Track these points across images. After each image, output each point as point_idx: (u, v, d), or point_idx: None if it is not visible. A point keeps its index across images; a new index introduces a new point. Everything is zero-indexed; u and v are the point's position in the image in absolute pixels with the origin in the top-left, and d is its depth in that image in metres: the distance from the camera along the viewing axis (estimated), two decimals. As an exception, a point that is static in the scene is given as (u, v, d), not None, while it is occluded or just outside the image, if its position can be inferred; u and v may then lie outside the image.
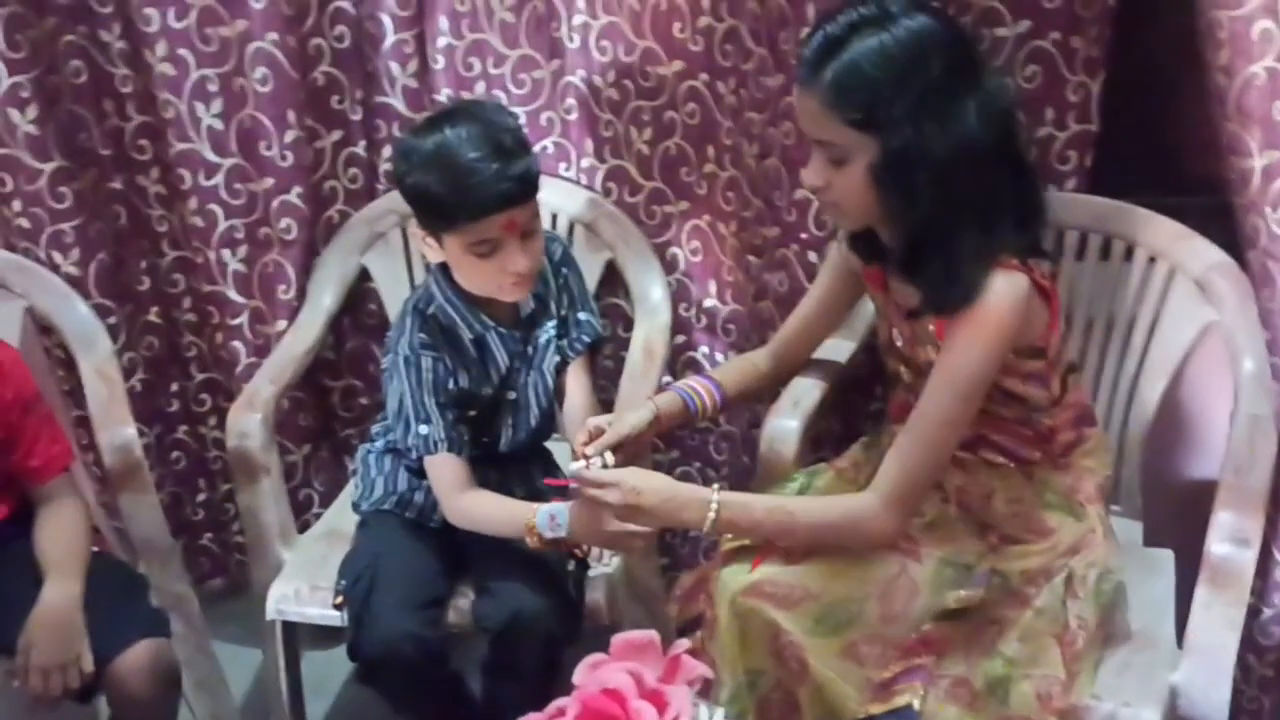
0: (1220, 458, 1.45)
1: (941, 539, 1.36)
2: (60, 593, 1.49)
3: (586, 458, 1.41)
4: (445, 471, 1.54)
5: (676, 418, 1.53)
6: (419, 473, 1.61)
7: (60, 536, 1.56)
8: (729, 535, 1.39)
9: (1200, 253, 1.54)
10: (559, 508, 1.43)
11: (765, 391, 1.64)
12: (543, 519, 1.44)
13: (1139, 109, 1.71)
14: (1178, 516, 1.61)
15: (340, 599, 1.57)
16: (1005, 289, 1.26)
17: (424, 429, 1.53)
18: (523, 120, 1.87)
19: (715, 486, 1.34)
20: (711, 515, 1.32)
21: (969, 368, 1.28)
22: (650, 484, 1.35)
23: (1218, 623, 1.34)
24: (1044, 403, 1.37)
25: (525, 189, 1.45)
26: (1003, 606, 1.33)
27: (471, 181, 1.41)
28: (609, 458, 1.40)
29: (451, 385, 1.55)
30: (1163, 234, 1.58)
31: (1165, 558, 1.57)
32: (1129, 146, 1.67)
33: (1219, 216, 1.48)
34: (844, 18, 1.25)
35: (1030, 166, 1.34)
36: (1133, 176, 1.68)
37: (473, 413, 1.60)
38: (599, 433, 1.45)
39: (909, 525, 1.34)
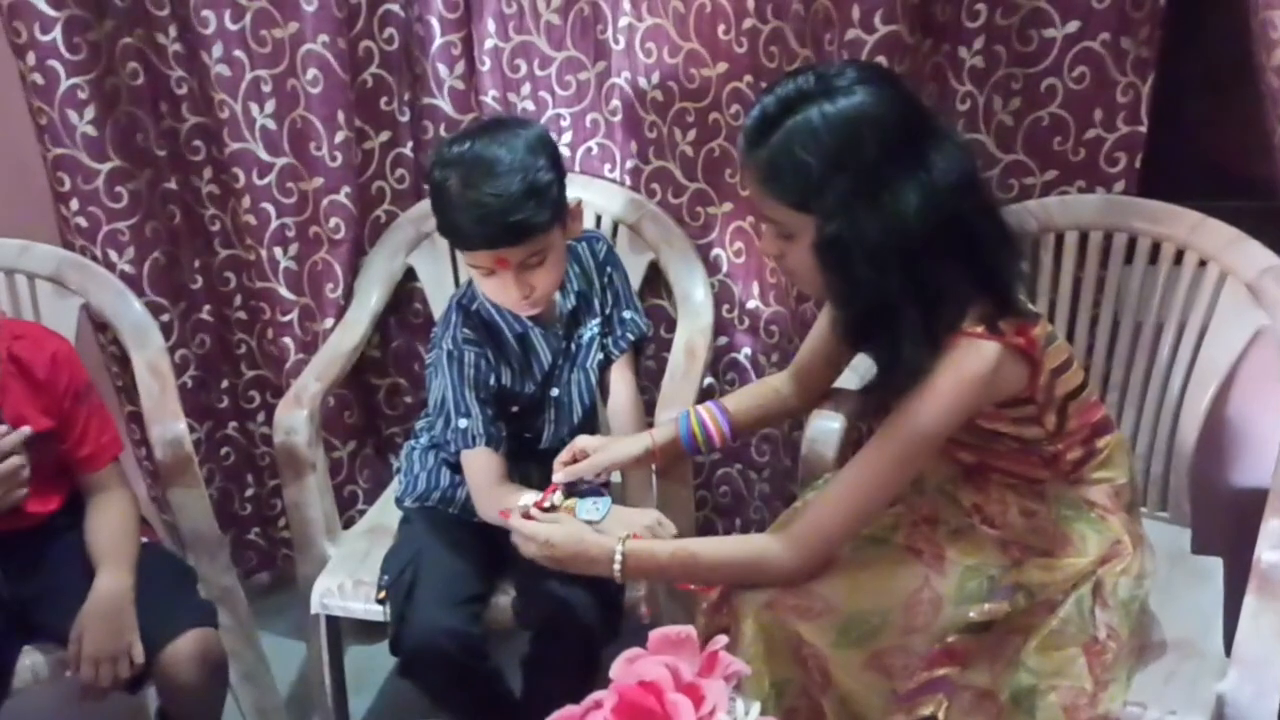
0: (1271, 465, 1.42)
1: (966, 548, 1.34)
2: (112, 583, 1.52)
3: (551, 488, 1.43)
4: (481, 466, 1.56)
5: (672, 450, 1.52)
6: (462, 468, 1.62)
7: (111, 528, 1.59)
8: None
9: (1252, 257, 1.52)
10: (600, 499, 1.45)
11: (789, 415, 1.62)
12: (585, 507, 1.44)
13: (1190, 111, 1.69)
14: (1227, 524, 1.58)
15: (383, 594, 1.59)
16: (963, 360, 1.22)
17: (463, 423, 1.54)
18: (567, 121, 1.89)
19: (625, 536, 1.34)
20: (617, 566, 1.32)
21: (910, 435, 1.25)
22: (565, 538, 1.35)
23: (1267, 632, 1.32)
24: (1040, 437, 1.34)
25: (512, 238, 1.42)
26: (1028, 616, 1.31)
27: (459, 217, 1.42)
28: (558, 498, 1.42)
29: (493, 381, 1.56)
30: (1214, 237, 1.55)
31: (1214, 566, 1.55)
32: (1179, 149, 1.66)
33: (1271, 220, 1.46)
34: (782, 90, 1.22)
35: (994, 235, 1.26)
36: (1183, 179, 1.66)
37: (515, 409, 1.61)
38: (583, 455, 1.46)
39: (816, 571, 1.30)
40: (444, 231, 1.50)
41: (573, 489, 1.45)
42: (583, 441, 1.49)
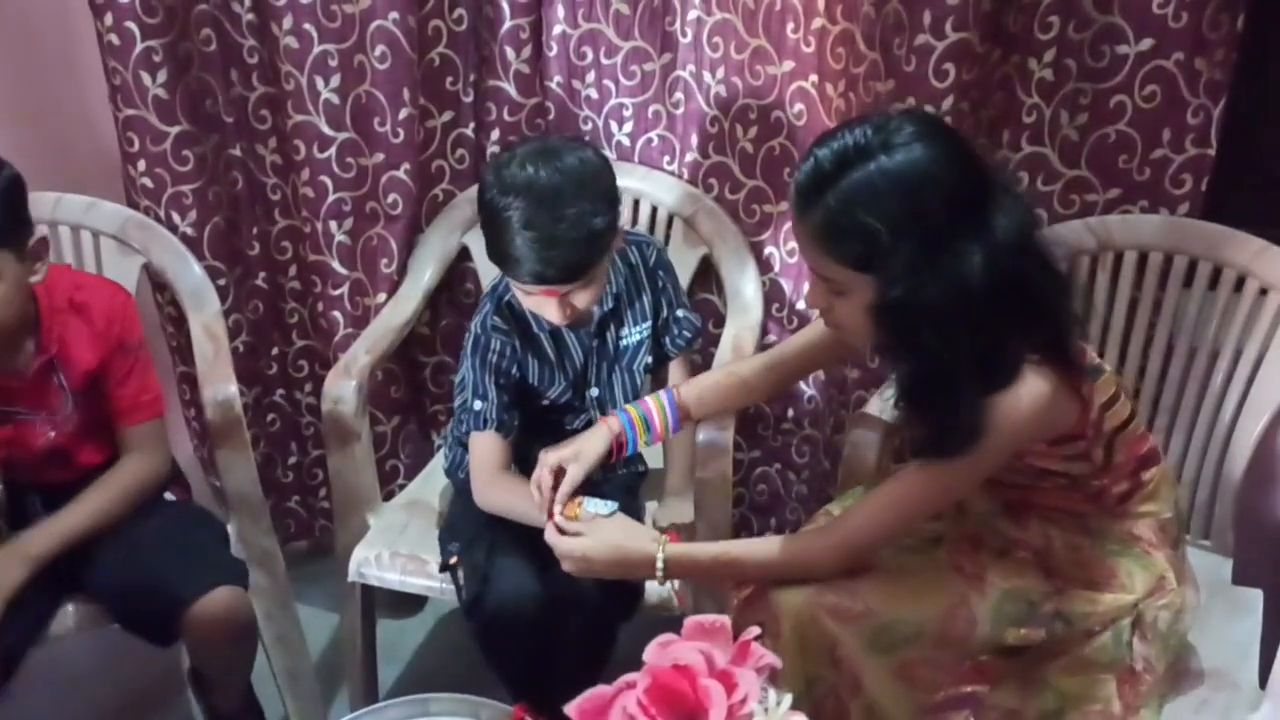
0: (1321, 499, 1.41)
1: (1008, 572, 1.33)
2: (25, 544, 1.51)
3: (550, 513, 1.42)
4: (486, 449, 1.57)
5: (624, 437, 1.51)
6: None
7: (90, 500, 1.57)
8: None
9: (1315, 288, 1.50)
10: (607, 502, 1.44)
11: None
12: (593, 503, 1.43)
13: (1260, 137, 1.67)
14: (1271, 556, 1.56)
15: (454, 559, 1.57)
16: (1020, 396, 1.19)
17: (478, 405, 1.56)
18: (629, 111, 1.90)
19: (662, 540, 1.35)
20: (660, 570, 1.34)
21: (959, 465, 1.23)
22: (599, 548, 1.36)
23: (1306, 667, 1.30)
24: (1088, 472, 1.32)
25: (561, 278, 1.43)
26: (1064, 643, 1.30)
27: (517, 253, 1.42)
28: (558, 516, 1.41)
29: (515, 371, 1.58)
30: (1276, 266, 1.53)
31: (1254, 597, 1.53)
32: (1248, 174, 1.63)
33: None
34: (837, 144, 1.16)
35: (1052, 289, 1.21)
36: (1250, 206, 1.64)
37: (545, 403, 1.62)
38: (561, 472, 1.44)
39: (850, 570, 1.30)
40: (494, 258, 1.48)
41: (577, 493, 1.44)
42: (552, 458, 1.45)
